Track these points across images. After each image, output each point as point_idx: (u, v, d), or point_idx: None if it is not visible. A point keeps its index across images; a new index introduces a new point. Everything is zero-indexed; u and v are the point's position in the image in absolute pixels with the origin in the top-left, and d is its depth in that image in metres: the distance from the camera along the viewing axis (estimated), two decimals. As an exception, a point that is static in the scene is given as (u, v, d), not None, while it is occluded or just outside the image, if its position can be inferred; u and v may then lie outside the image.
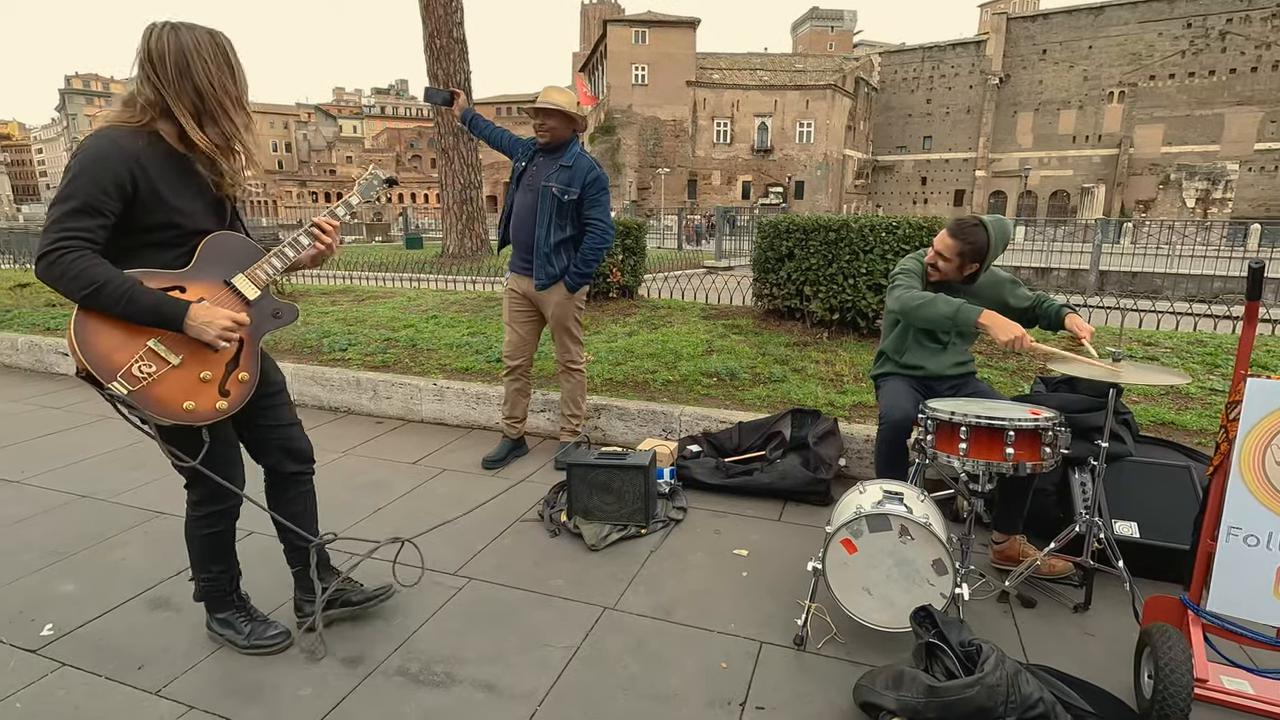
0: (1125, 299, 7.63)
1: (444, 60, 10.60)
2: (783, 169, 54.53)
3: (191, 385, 1.75)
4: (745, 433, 3.51)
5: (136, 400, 1.67)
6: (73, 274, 1.57)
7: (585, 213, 3.29)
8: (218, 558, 2.07)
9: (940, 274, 2.58)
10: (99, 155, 1.60)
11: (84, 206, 1.57)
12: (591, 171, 3.26)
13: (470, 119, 3.57)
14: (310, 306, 6.34)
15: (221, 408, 1.81)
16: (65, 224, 1.57)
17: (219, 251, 1.80)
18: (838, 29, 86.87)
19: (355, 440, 3.99)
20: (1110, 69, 54.06)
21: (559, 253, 3.31)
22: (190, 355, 1.75)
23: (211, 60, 1.67)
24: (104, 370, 1.64)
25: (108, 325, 1.65)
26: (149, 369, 1.68)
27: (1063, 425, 2.14)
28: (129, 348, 1.67)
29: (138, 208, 1.66)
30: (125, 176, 1.61)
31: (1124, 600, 2.23)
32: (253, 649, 2.06)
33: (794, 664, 2.03)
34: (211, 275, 1.79)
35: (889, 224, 4.66)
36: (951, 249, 2.51)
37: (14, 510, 3.00)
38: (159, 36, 1.64)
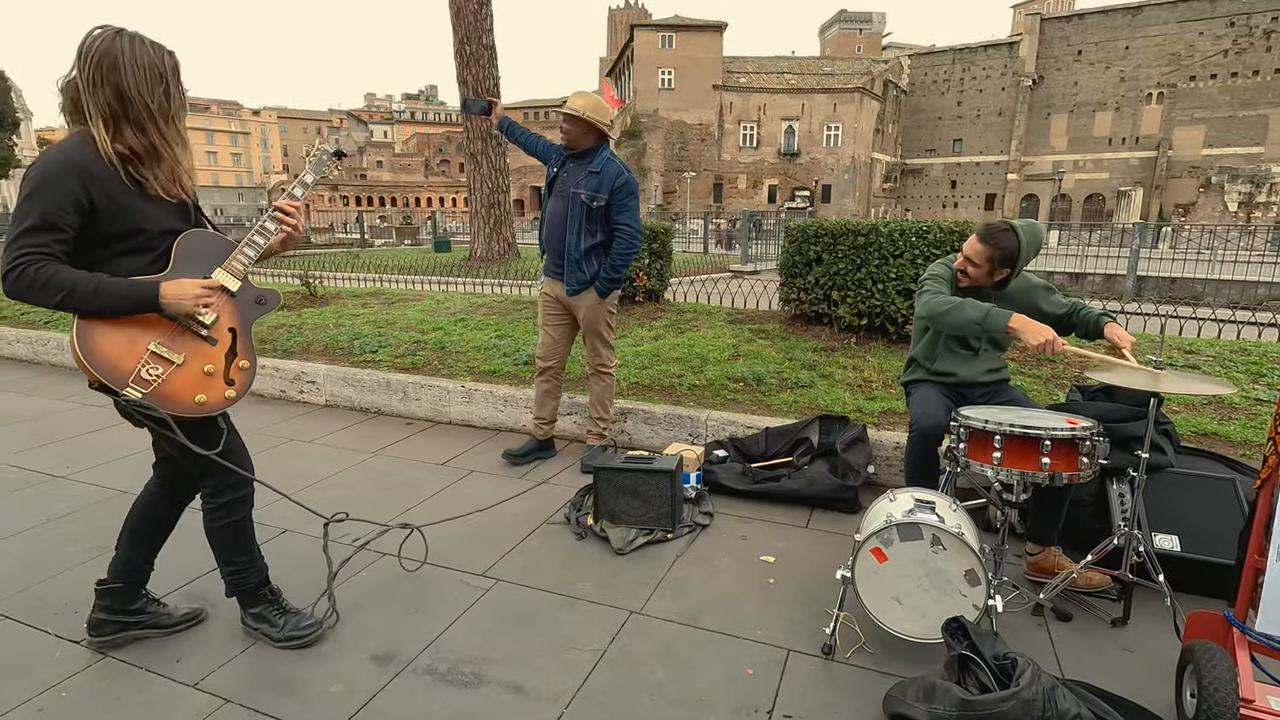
0: (1164, 305, 7.42)
1: (474, 66, 10.72)
2: (809, 172, 54.14)
3: (199, 380, 1.83)
4: (772, 438, 3.49)
5: (152, 401, 1.74)
6: (40, 283, 1.61)
7: (613, 218, 3.30)
8: (240, 548, 2.10)
9: (970, 280, 2.54)
10: (50, 174, 1.63)
11: (40, 224, 1.62)
12: (620, 177, 3.27)
13: (507, 126, 3.63)
14: (342, 309, 6.45)
15: (230, 395, 1.90)
16: (24, 241, 1.61)
17: (192, 249, 1.86)
18: (866, 31, 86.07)
19: (385, 441, 4.05)
20: (1148, 69, 52.75)
21: (589, 258, 3.33)
22: (191, 353, 1.82)
23: (145, 71, 1.69)
24: (114, 378, 1.70)
25: (107, 335, 1.70)
26: (156, 371, 1.75)
27: (1101, 435, 2.09)
28: (132, 354, 1.73)
29: (101, 219, 1.69)
30: (80, 191, 1.65)
31: (1164, 616, 2.17)
32: (287, 641, 2.10)
33: (822, 673, 2.01)
34: (192, 273, 1.84)
35: (919, 228, 4.60)
36: (981, 254, 2.47)
37: (59, 505, 3.10)
38: (96, 38, 1.67)
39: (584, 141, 3.30)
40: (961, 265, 2.53)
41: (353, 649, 2.10)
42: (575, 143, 3.31)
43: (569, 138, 3.30)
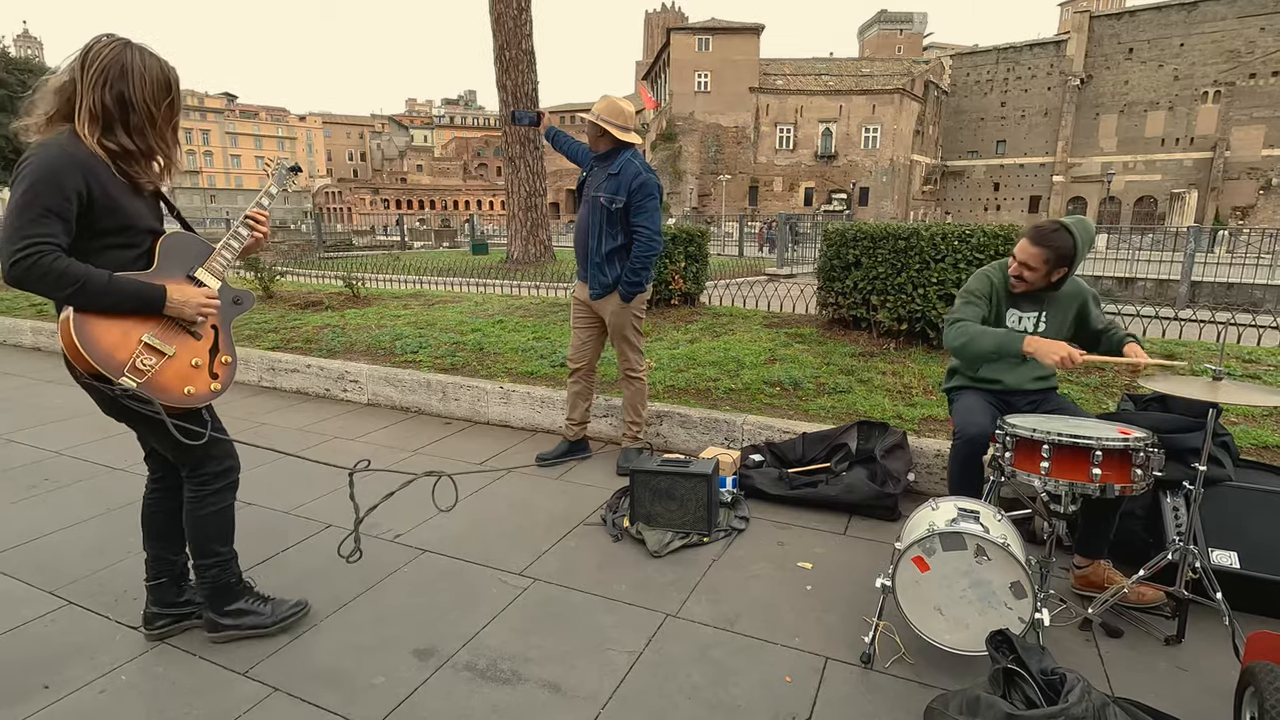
0: (1221, 312, 7.13)
1: (513, 71, 10.87)
2: (847, 175, 53.46)
3: (187, 372, 1.91)
4: (809, 444, 3.45)
5: (146, 391, 1.82)
6: (55, 274, 1.67)
7: (631, 220, 3.27)
8: (226, 536, 2.13)
9: (1027, 285, 2.48)
10: (52, 164, 1.68)
11: (46, 213, 1.66)
12: (637, 178, 3.23)
13: (553, 135, 3.68)
14: (384, 309, 6.59)
15: (215, 388, 1.99)
16: (31, 230, 1.65)
17: (175, 249, 1.93)
18: (907, 31, 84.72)
19: (425, 440, 4.13)
20: (1204, 67, 50.76)
21: (611, 262, 3.34)
22: (181, 346, 1.90)
23: (154, 82, 1.79)
24: (111, 368, 1.77)
25: (103, 326, 1.77)
26: (149, 361, 1.83)
27: (1155, 446, 2.02)
28: (127, 345, 1.79)
29: (95, 212, 1.75)
30: (80, 183, 1.70)
31: (1222, 635, 2.09)
32: (280, 623, 2.15)
33: (861, 682, 1.99)
34: (175, 272, 1.92)
35: (962, 232, 4.51)
36: (1038, 257, 2.41)
37: (119, 496, 3.23)
38: (106, 46, 1.74)
39: (600, 145, 3.33)
40: (1016, 271, 2.48)
41: (395, 643, 2.15)
42: (594, 146, 3.36)
43: (589, 141, 3.37)
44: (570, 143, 3.70)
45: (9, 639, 2.16)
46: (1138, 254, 14.63)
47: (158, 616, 2.17)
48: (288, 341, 5.68)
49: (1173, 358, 4.28)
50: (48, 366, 6.12)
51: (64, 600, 2.37)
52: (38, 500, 3.21)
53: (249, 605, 2.16)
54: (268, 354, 5.41)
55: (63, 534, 2.87)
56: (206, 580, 2.12)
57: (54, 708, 1.86)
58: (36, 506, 3.14)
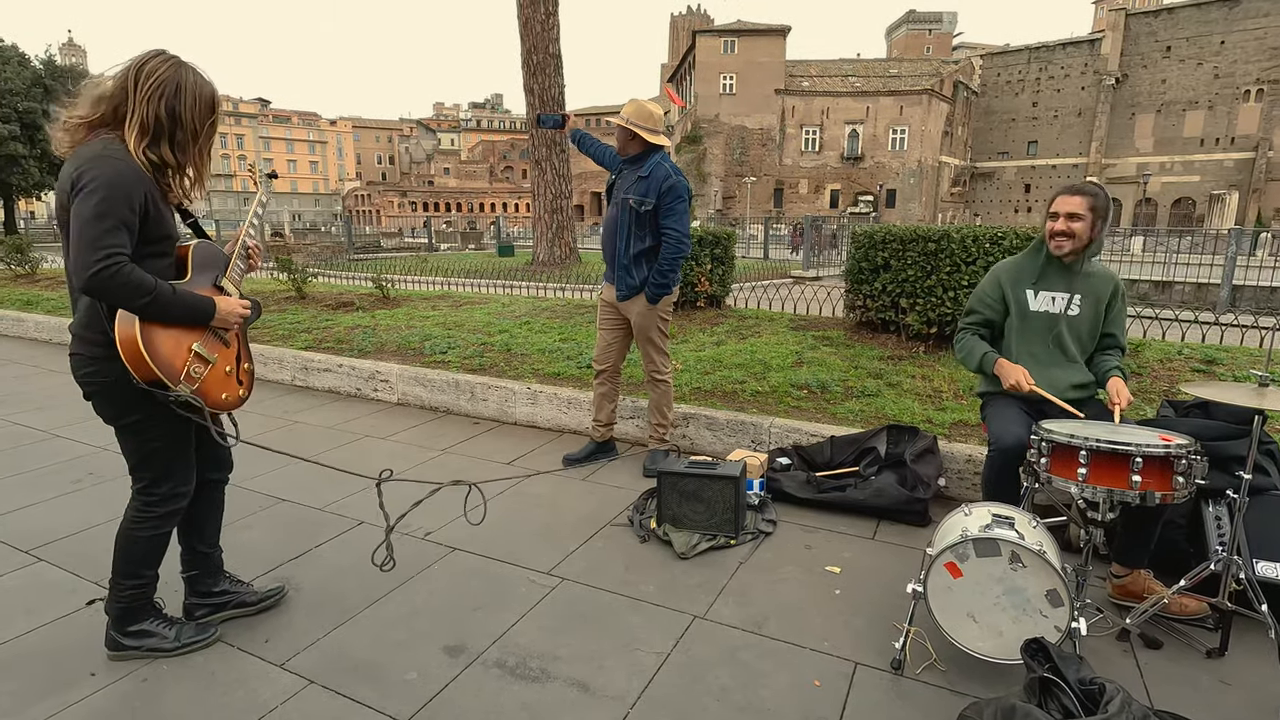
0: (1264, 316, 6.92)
1: (540, 75, 10.96)
2: (873, 177, 52.92)
3: (223, 379, 2.00)
4: (838, 447, 3.43)
5: (199, 398, 1.90)
6: (133, 284, 1.73)
7: (660, 222, 3.29)
8: (155, 561, 2.08)
9: (1074, 243, 2.46)
10: (122, 176, 1.74)
11: (120, 224, 1.73)
12: (667, 180, 3.25)
13: (579, 138, 3.71)
14: (413, 310, 6.69)
15: (243, 395, 2.10)
16: (108, 241, 1.70)
17: (204, 258, 2.01)
18: (935, 31, 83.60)
19: (453, 439, 4.18)
20: (1246, 65, 49.36)
21: (639, 264, 3.36)
22: (220, 354, 1.99)
23: (202, 102, 1.88)
24: (170, 375, 1.84)
25: (161, 335, 1.83)
26: (200, 369, 1.91)
27: (1198, 453, 1.97)
28: (180, 354, 1.87)
29: (148, 222, 1.82)
30: (142, 195, 1.77)
31: (1267, 648, 2.03)
32: (185, 648, 2.10)
33: (891, 688, 1.97)
34: (205, 281, 2.00)
35: (993, 234, 4.44)
36: (1084, 204, 2.42)
37: (159, 490, 3.32)
38: (161, 63, 1.82)
39: (630, 148, 3.35)
40: (1063, 227, 2.46)
41: (426, 639, 2.18)
42: (623, 149, 3.38)
43: (617, 145, 3.40)
44: (596, 145, 3.72)
45: (59, 627, 2.23)
46: (1175, 257, 14.25)
47: (197, 607, 2.24)
48: (320, 342, 5.79)
49: (1213, 363, 4.17)
50: (90, 364, 6.31)
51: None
52: (83, 494, 3.32)
53: (153, 627, 2.10)
54: (301, 354, 5.52)
55: (106, 527, 2.95)
56: (122, 600, 2.05)
57: (101, 694, 1.92)
58: (82, 500, 3.24)
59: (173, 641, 2.10)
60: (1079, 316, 2.52)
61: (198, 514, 2.21)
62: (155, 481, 2.02)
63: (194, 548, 2.24)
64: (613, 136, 3.45)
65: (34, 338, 7.64)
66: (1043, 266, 2.55)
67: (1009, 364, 2.50)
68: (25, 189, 32.01)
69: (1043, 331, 2.54)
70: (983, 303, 2.67)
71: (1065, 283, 2.52)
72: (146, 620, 2.10)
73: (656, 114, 3.37)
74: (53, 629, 2.22)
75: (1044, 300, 2.54)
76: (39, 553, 2.72)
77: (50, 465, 3.70)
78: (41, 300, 8.35)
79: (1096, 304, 2.52)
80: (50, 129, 1.86)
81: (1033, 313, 2.55)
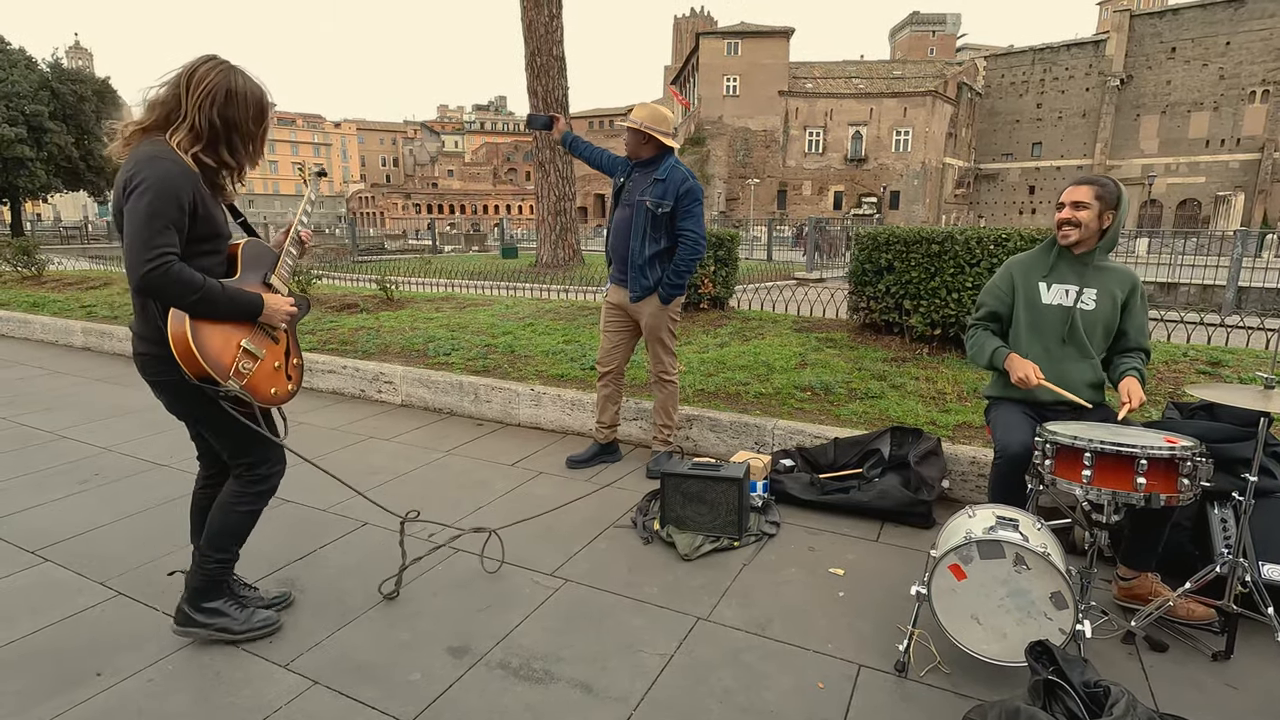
0: (1269, 318, 6.89)
1: (544, 77, 10.99)
2: (877, 178, 52.87)
3: (271, 375, 2.04)
4: (841, 449, 3.43)
5: (247, 393, 1.94)
6: (183, 282, 1.77)
7: (677, 224, 3.32)
8: (241, 538, 2.17)
9: (1080, 232, 2.43)
10: (170, 175, 1.77)
11: (170, 224, 1.76)
12: (685, 183, 3.30)
13: (570, 141, 3.69)
14: (417, 312, 6.70)
15: (292, 389, 2.14)
16: (159, 241, 1.74)
17: (252, 257, 2.05)
18: (939, 33, 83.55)
19: (457, 441, 4.19)
20: (1252, 66, 49.17)
21: (653, 265, 3.37)
22: (268, 349, 2.02)
23: (253, 106, 1.92)
24: (220, 371, 1.87)
25: (210, 331, 1.87)
26: (248, 365, 1.95)
27: (1203, 455, 1.96)
28: (229, 350, 1.90)
29: (196, 222, 1.85)
30: (190, 195, 1.81)
31: (1274, 651, 2.02)
32: (249, 634, 2.15)
33: (895, 691, 1.97)
34: (254, 279, 2.04)
35: (997, 236, 4.44)
36: (1089, 193, 2.40)
37: (166, 490, 3.34)
38: (211, 67, 1.85)
39: (643, 151, 3.36)
40: (1069, 215, 2.43)
41: (429, 640, 2.18)
42: (635, 153, 3.39)
43: (629, 148, 3.40)
44: (590, 149, 3.72)
45: (65, 626, 2.24)
46: (1180, 258, 14.20)
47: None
48: (325, 343, 5.81)
49: (1219, 365, 4.16)
50: (97, 365, 6.35)
51: (114, 591, 2.46)
52: (89, 494, 3.33)
53: (225, 607, 2.15)
54: (306, 355, 5.51)
55: (112, 527, 2.97)
56: (206, 572, 2.12)
57: (106, 694, 1.93)
58: (88, 500, 3.26)
59: (241, 624, 2.15)
60: (1093, 311, 2.46)
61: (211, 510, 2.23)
62: (254, 465, 2.11)
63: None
64: (615, 139, 3.44)
65: (40, 339, 7.68)
66: (1055, 260, 2.53)
67: (1019, 358, 2.46)
68: (32, 191, 32.21)
69: (1055, 325, 2.49)
70: (992, 295, 2.64)
71: (1078, 275, 2.48)
72: (220, 600, 2.17)
73: (670, 117, 3.40)
74: (59, 629, 2.23)
75: (1057, 293, 2.50)
76: (45, 553, 2.73)
77: (57, 466, 3.72)
78: (48, 302, 8.40)
79: (1113, 301, 2.47)
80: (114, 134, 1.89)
81: (1045, 305, 2.51)
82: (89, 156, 32.97)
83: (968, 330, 2.72)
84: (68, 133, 31.82)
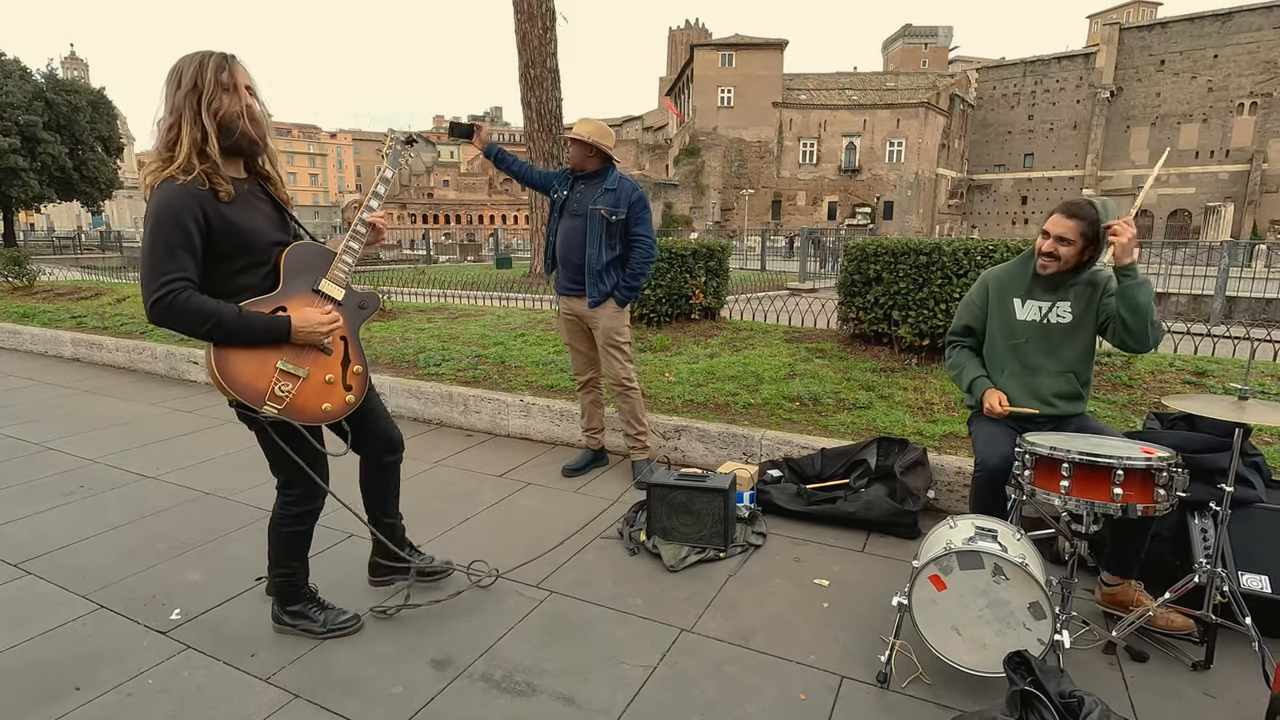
0: (1256, 328, 6.95)
1: (538, 89, 11.04)
2: (870, 189, 53.19)
3: (321, 390, 1.98)
4: (828, 459, 3.44)
5: (286, 416, 1.89)
6: (190, 311, 1.74)
7: (631, 230, 3.44)
8: (297, 554, 2.25)
9: (1060, 264, 2.42)
10: (166, 201, 1.75)
11: (176, 247, 1.74)
12: (635, 192, 3.45)
13: (495, 154, 3.63)
14: (408, 323, 6.70)
15: (351, 400, 2.07)
16: (164, 268, 1.72)
17: (298, 264, 1.98)
18: (932, 45, 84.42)
19: (446, 451, 4.18)
20: (1240, 79, 49.80)
21: (609, 271, 3.45)
22: (314, 365, 1.96)
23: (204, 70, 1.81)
24: (253, 398, 1.85)
25: (241, 358, 1.84)
26: (287, 388, 1.89)
27: (1179, 466, 1.98)
28: (264, 374, 1.87)
29: (215, 237, 1.81)
30: (196, 211, 1.77)
31: (1252, 661, 2.03)
32: (330, 633, 2.23)
33: (876, 701, 1.97)
34: (302, 287, 1.97)
35: (984, 247, 4.47)
36: (1075, 230, 2.38)
37: (151, 503, 3.33)
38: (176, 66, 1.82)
39: (589, 164, 3.43)
40: (1050, 248, 2.43)
41: (412, 652, 2.18)
42: (581, 165, 3.44)
43: (574, 160, 3.45)
44: (517, 163, 3.72)
45: (45, 640, 2.23)
46: (1170, 269, 14.32)
47: (379, 567, 2.48)
48: (315, 354, 5.79)
49: (1204, 375, 4.19)
50: (85, 376, 6.32)
51: (96, 604, 2.44)
52: (73, 507, 3.32)
53: (306, 610, 2.26)
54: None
55: (96, 540, 2.96)
56: (275, 583, 2.26)
57: (85, 709, 1.92)
58: (72, 513, 3.24)
59: (321, 626, 2.23)
60: (1069, 323, 2.47)
61: (375, 489, 2.36)
62: (287, 485, 2.14)
63: (379, 519, 2.41)
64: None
65: (30, 350, 7.65)
66: (1031, 278, 2.55)
67: (990, 391, 2.53)
68: (25, 201, 32.08)
69: (1029, 340, 2.53)
70: (967, 310, 2.68)
71: (1050, 293, 2.51)
72: (301, 603, 2.25)
73: (611, 132, 3.50)
74: (39, 642, 2.22)
75: (1031, 309, 2.53)
76: (28, 566, 2.72)
77: (42, 478, 3.70)
78: (39, 313, 8.37)
79: (1088, 303, 2.47)
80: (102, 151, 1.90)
81: (1019, 322, 2.54)
82: (83, 167, 32.89)
83: (947, 347, 2.77)
84: (62, 143, 31.74)
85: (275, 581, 2.25)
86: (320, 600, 2.31)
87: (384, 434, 2.33)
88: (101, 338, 6.97)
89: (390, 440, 2.36)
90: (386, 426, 2.34)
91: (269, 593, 2.30)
